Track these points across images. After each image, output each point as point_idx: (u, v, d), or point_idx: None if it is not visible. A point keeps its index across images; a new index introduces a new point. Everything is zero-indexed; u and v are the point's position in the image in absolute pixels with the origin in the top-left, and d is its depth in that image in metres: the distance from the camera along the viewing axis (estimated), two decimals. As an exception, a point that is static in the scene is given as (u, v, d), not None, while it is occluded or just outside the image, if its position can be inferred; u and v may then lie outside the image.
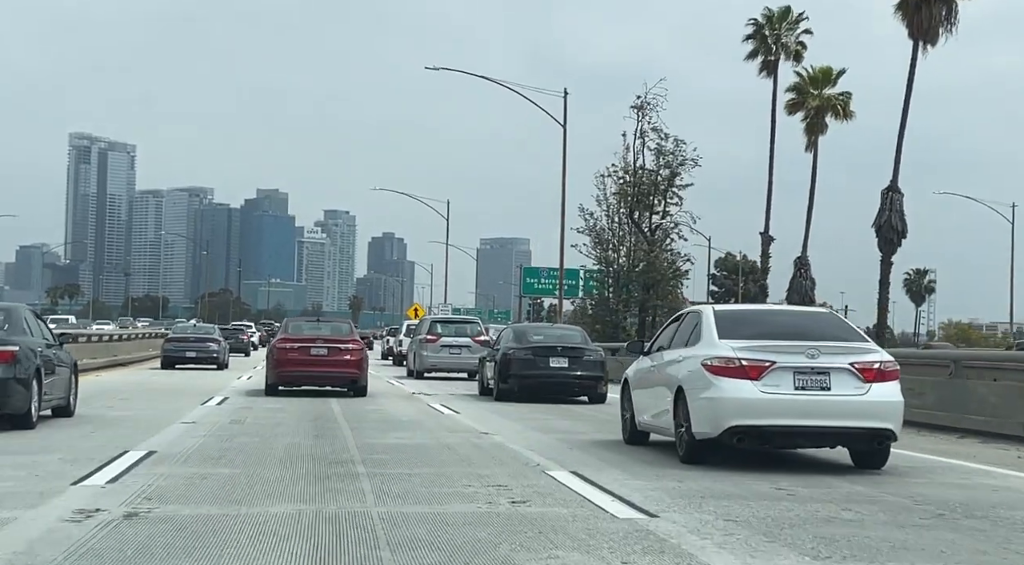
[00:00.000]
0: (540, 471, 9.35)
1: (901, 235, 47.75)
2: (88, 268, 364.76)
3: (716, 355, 9.68)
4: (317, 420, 14.74)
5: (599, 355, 20.12)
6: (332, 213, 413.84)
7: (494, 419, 15.56)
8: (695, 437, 9.78)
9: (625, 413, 12.14)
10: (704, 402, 9.65)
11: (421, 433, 13.03)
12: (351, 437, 12.35)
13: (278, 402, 18.37)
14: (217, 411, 15.96)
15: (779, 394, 9.44)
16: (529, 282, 60.55)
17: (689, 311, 11.45)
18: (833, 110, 54.83)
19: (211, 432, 12.50)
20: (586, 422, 15.46)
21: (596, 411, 17.68)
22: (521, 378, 19.35)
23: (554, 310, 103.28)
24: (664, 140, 43.01)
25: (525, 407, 18.05)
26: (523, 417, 16.07)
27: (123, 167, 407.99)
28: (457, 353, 27.99)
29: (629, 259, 44.54)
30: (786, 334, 9.89)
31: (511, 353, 19.57)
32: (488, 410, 17.45)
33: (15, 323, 12.73)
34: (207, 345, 32.29)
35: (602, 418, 16.02)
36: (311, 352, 20.19)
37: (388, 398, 20.45)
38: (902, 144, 47.16)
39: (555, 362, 19.39)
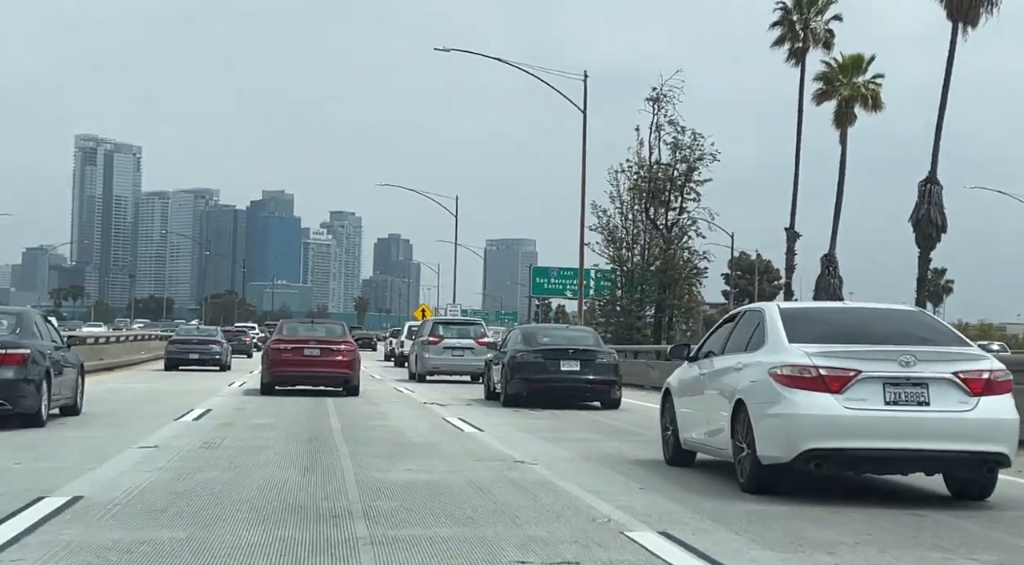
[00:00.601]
0: (616, 532, 6.66)
1: (940, 229, 44.95)
2: (94, 270, 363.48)
3: (787, 362, 8.25)
4: (311, 442, 12.03)
5: (612, 358, 18.88)
6: (338, 214, 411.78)
7: (524, 439, 12.91)
8: (761, 461, 8.31)
9: (667, 429, 10.61)
10: (773, 420, 8.21)
11: (440, 462, 10.31)
12: (350, 468, 9.65)
13: (267, 414, 15.81)
14: (191, 429, 13.27)
15: (867, 410, 8.00)
16: (539, 282, 58.02)
17: (746, 310, 9.89)
18: (863, 100, 51.92)
19: (171, 463, 9.78)
20: (616, 435, 13.71)
21: (615, 418, 16.62)
22: (530, 382, 18.19)
23: (562, 311, 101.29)
24: (681, 134, 41.42)
25: (543, 418, 16.07)
26: (556, 436, 13.42)
27: (129, 169, 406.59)
28: (460, 355, 27.13)
29: (644, 257, 42.95)
30: (869, 337, 8.48)
31: (519, 356, 18.44)
32: (512, 424, 14.92)
33: (26, 327, 13.19)
34: (210, 347, 32.36)
35: (622, 427, 15.10)
36: (304, 353, 20.59)
37: (395, 407, 18.04)
38: (941, 132, 44.40)
39: (566, 365, 18.30)
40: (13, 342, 12.63)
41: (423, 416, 16.32)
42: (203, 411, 15.98)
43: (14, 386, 12.34)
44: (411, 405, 18.80)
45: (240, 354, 45.27)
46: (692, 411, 9.96)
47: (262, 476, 8.98)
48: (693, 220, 41.88)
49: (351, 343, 21.34)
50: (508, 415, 16.60)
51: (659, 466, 10.28)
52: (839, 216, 50.98)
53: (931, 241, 44.99)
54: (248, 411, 16.46)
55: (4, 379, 12.32)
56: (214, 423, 14.14)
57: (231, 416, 15.42)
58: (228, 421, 14.43)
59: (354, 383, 20.73)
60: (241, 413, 16.01)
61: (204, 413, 15.66)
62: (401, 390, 23.53)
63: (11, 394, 12.35)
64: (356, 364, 20.95)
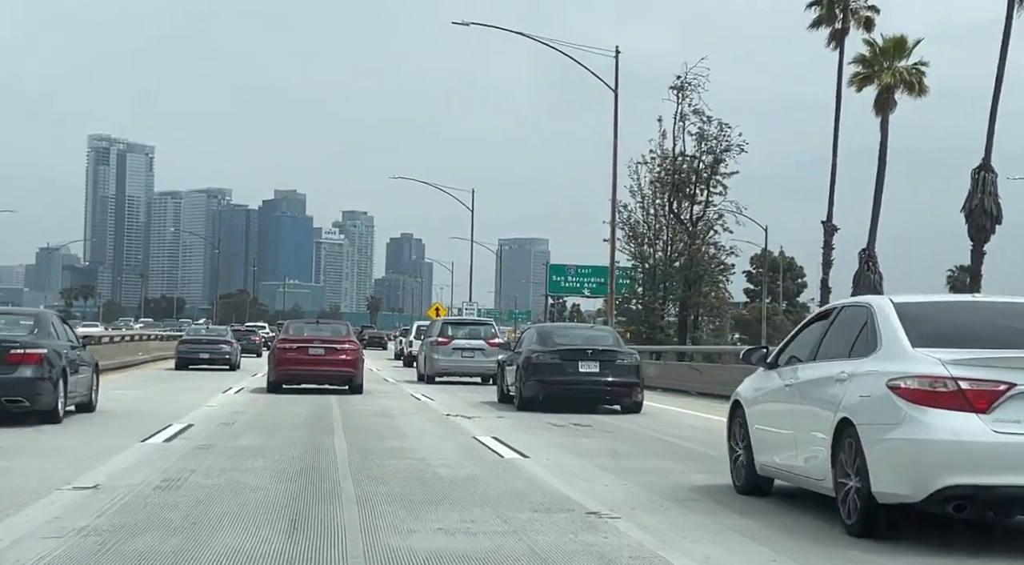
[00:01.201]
0: None
1: (995, 220, 41.72)
2: (107, 270, 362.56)
3: (914, 372, 6.57)
4: (306, 476, 9.15)
5: (634, 359, 17.86)
6: (350, 214, 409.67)
7: (580, 468, 10.05)
8: (876, 499, 6.62)
9: (736, 451, 8.91)
10: (896, 446, 6.52)
11: (483, 512, 7.41)
12: (356, 525, 6.81)
13: (258, 431, 13.04)
14: (155, 455, 10.37)
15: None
16: (555, 280, 55.29)
17: (844, 305, 8.14)
18: (908, 85, 48.70)
19: (102, 519, 6.87)
20: (682, 456, 11.44)
21: (640, 425, 15.21)
22: (546, 384, 17.17)
23: (577, 310, 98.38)
24: (707, 123, 39.24)
25: (592, 435, 13.32)
26: (619, 465, 10.53)
27: (142, 169, 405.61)
28: (470, 356, 26.29)
29: (667, 253, 40.75)
30: (1014, 340, 6.82)
31: (535, 356, 17.42)
32: (558, 445, 12.07)
33: (43, 327, 13.76)
34: (219, 347, 32.60)
35: (649, 435, 14.11)
36: (309, 352, 20.91)
37: (413, 421, 15.22)
38: (995, 115, 41.22)
39: (584, 366, 17.24)
40: (31, 342, 13.14)
41: (448, 433, 13.46)
42: (183, 427, 13.18)
43: (32, 384, 12.83)
44: (431, 417, 16.01)
45: (249, 353, 45.63)
46: (773, 430, 8.23)
47: (225, 543, 6.11)
48: (720, 214, 39.83)
49: (355, 343, 21.80)
50: (549, 432, 13.82)
51: (744, 501, 8.36)
52: (879, 208, 47.67)
53: (985, 233, 41.76)
54: (236, 427, 13.62)
55: (23, 377, 12.78)
56: (189, 445, 11.27)
57: (214, 434, 12.57)
58: (207, 443, 11.55)
59: (358, 381, 21.10)
60: (227, 430, 13.15)
61: (183, 430, 12.84)
62: (418, 397, 20.77)
63: (29, 392, 12.82)
64: (360, 363, 21.36)
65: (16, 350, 12.94)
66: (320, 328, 22.98)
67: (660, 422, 15.97)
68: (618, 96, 33.16)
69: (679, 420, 16.75)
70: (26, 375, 12.82)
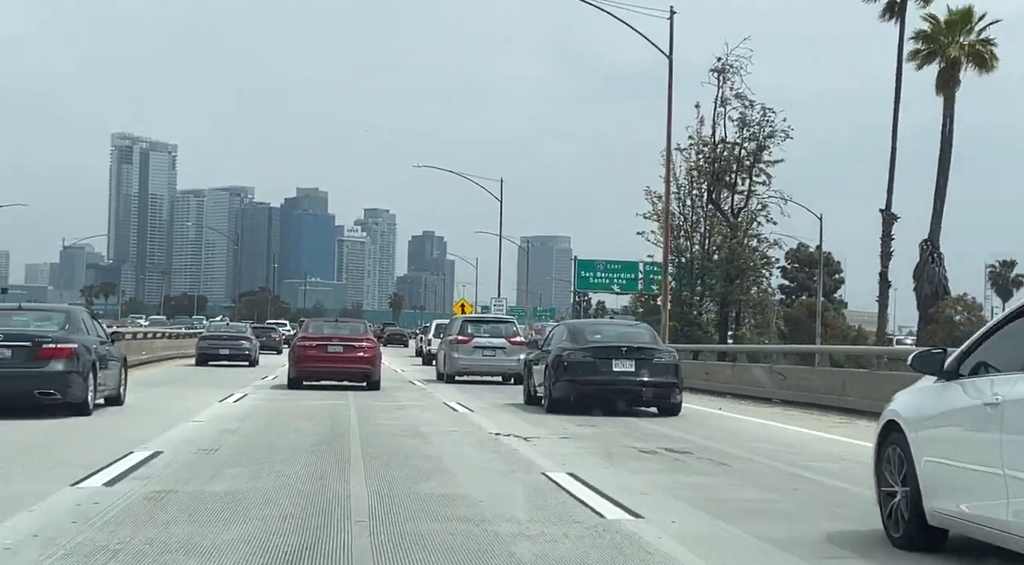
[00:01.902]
0: None
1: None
2: (130, 268, 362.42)
3: None
4: (302, 555, 5.58)
5: (672, 357, 16.75)
6: (372, 211, 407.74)
7: (709, 530, 6.56)
8: None
9: (891, 490, 6.39)
10: None
11: None
12: None
13: (245, 461, 9.57)
14: (74, 515, 6.78)
15: None
16: (584, 276, 52.25)
17: None
18: (976, 59, 44.63)
19: None
20: (815, 500, 8.07)
21: (751, 451, 11.87)
22: (578, 384, 16.07)
23: (602, 308, 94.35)
24: (749, 108, 37.01)
25: (705, 471, 9.82)
26: (745, 506, 6.96)
27: (164, 167, 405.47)
28: (491, 355, 25.61)
29: (704, 246, 38.26)
30: None
31: (566, 354, 16.31)
32: (667, 489, 8.50)
33: (74, 323, 14.35)
34: (239, 343, 33.46)
35: (770, 465, 10.68)
36: (328, 349, 21.40)
37: (454, 444, 11.65)
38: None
39: (619, 365, 16.11)
40: (63, 337, 13.61)
41: (505, 466, 9.83)
42: (147, 455, 9.78)
43: (63, 377, 13.32)
44: (475, 437, 12.54)
45: (269, 350, 45.97)
46: (960, 466, 5.87)
47: None
48: (763, 204, 37.48)
49: (373, 341, 22.31)
50: (639, 462, 10.33)
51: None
52: (943, 195, 43.52)
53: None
54: (220, 455, 10.11)
55: (54, 371, 13.28)
56: (138, 492, 7.71)
57: (185, 468, 9.06)
58: (165, 487, 7.97)
59: (375, 378, 21.48)
60: (206, 461, 9.63)
61: (144, 461, 9.40)
62: (452, 406, 17.46)
63: (60, 385, 13.32)
64: (377, 360, 21.81)
65: (48, 345, 13.42)
66: (339, 326, 23.52)
67: (774, 445, 12.43)
68: (672, 63, 29.78)
69: (790, 440, 13.29)
70: (57, 368, 13.31)
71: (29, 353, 13.34)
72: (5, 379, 13.19)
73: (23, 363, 13.29)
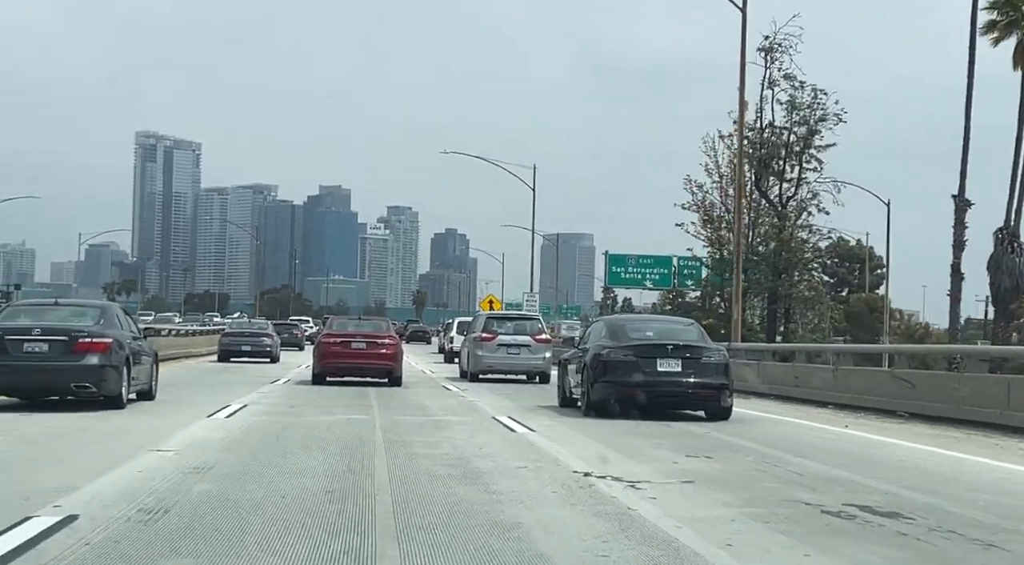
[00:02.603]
0: None
1: None
2: (155, 265, 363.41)
3: None
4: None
5: (722, 356, 15.47)
6: (395, 209, 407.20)
7: None
8: None
9: None
10: None
11: None
12: None
13: (211, 535, 6.13)
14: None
15: None
16: (615, 271, 50.64)
17: None
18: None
19: None
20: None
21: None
22: (619, 386, 14.82)
23: (629, 305, 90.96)
24: (799, 90, 34.75)
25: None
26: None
27: (188, 165, 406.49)
28: (516, 353, 25.01)
29: (749, 238, 35.77)
30: None
31: (605, 353, 15.05)
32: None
33: (109, 319, 14.87)
34: (261, 340, 34.06)
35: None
36: (352, 346, 22.05)
37: (532, 495, 7.94)
38: None
39: (664, 365, 14.86)
40: (98, 332, 14.20)
41: (642, 555, 5.84)
42: (51, 523, 6.20)
43: (99, 371, 13.94)
44: (561, 485, 8.39)
45: (291, 347, 45.50)
46: None
47: None
48: (814, 193, 35.21)
49: (395, 338, 22.89)
50: (791, 520, 6.93)
51: None
52: (1018, 177, 37.71)
53: None
54: (165, 525, 6.30)
55: (90, 365, 13.87)
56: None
57: (137, 523, 6.34)
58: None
59: (397, 374, 22.13)
60: (135, 537, 5.93)
61: (37, 539, 5.84)
62: (507, 424, 13.62)
63: (96, 378, 13.93)
64: (399, 357, 22.44)
65: (84, 339, 13.89)
66: (362, 324, 24.04)
67: (967, 487, 9.18)
68: (746, 15, 27.73)
69: (968, 475, 10.02)
70: (93, 362, 13.80)
71: (66, 347, 13.79)
72: (43, 372, 13.73)
73: (60, 357, 13.75)
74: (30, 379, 13.85)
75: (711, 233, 36.64)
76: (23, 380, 13.88)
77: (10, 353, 13.76)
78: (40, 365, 13.74)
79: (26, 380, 13.87)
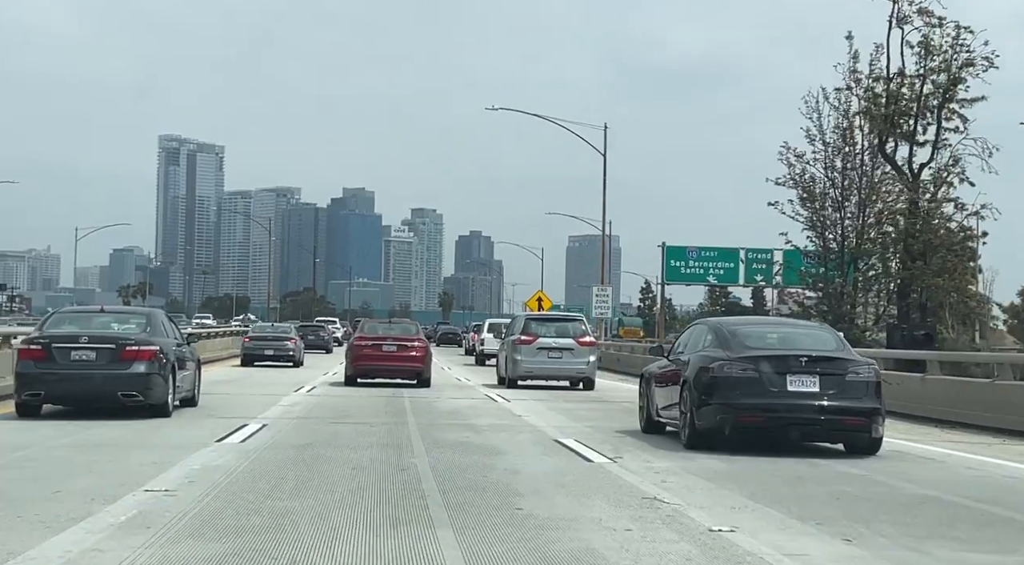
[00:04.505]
0: None
1: None
2: (178, 270, 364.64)
3: None
4: None
5: (872, 372, 11.86)
6: (419, 211, 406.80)
7: None
8: None
9: None
10: None
11: None
12: None
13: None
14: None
15: None
16: (673, 266, 45.22)
17: None
18: None
19: None
20: None
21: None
22: (736, 410, 11.49)
23: (669, 306, 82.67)
24: (937, 28, 27.38)
25: None
26: None
27: (211, 169, 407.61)
28: (557, 357, 23.46)
29: (860, 219, 29.43)
30: None
31: (716, 367, 11.75)
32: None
33: (155, 325, 14.59)
34: (284, 343, 33.53)
35: None
36: (383, 348, 22.71)
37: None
38: None
39: (796, 383, 11.50)
40: (145, 339, 13.99)
41: None
42: None
43: (146, 379, 13.68)
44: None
45: (318, 349, 44.14)
46: None
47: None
48: (955, 159, 27.55)
49: (423, 341, 23.59)
50: None
51: None
52: None
53: None
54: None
55: (137, 373, 13.63)
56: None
57: None
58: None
59: (426, 376, 22.61)
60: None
61: None
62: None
63: (143, 387, 13.68)
64: (428, 359, 22.98)
65: (131, 347, 13.72)
66: (392, 327, 24.74)
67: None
68: None
69: None
70: (140, 370, 13.60)
71: (113, 355, 13.64)
72: (92, 380, 13.58)
73: (107, 365, 13.61)
74: (78, 387, 13.69)
75: (812, 214, 29.76)
76: (71, 388, 13.72)
77: (58, 361, 13.61)
78: (88, 373, 13.58)
79: (74, 388, 13.71)
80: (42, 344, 13.72)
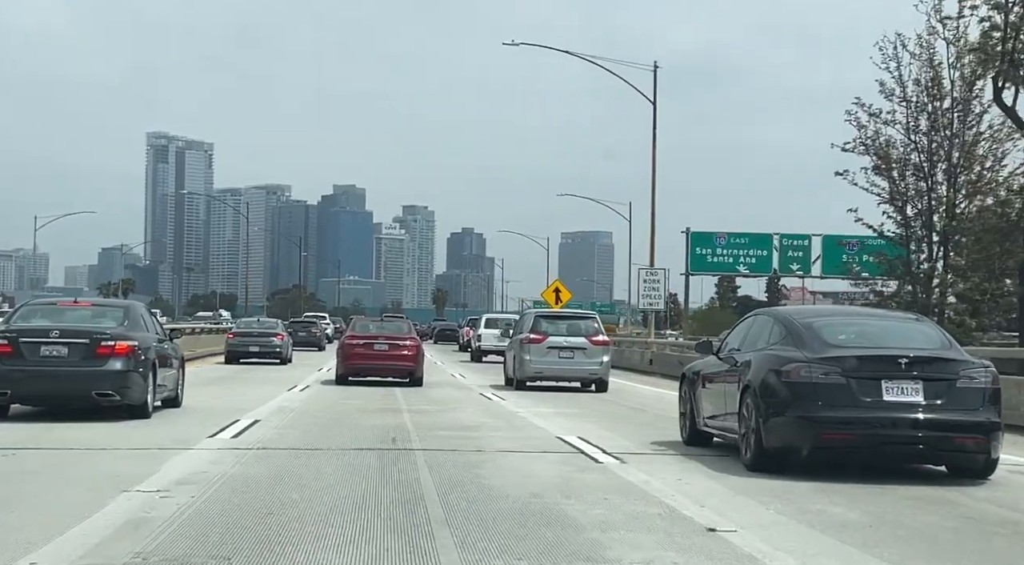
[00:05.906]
0: None
1: None
2: (167, 268, 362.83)
3: None
4: None
5: (989, 376, 9.41)
6: (410, 208, 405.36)
7: None
8: None
9: None
10: None
11: None
12: None
13: None
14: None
15: None
16: (699, 254, 40.64)
17: None
18: None
19: None
20: None
21: None
22: (818, 425, 9.09)
23: (673, 301, 78.40)
24: None
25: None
26: None
27: (201, 166, 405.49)
28: (569, 357, 22.19)
29: (953, 185, 24.56)
30: None
31: (792, 370, 9.33)
32: None
33: (134, 319, 13.61)
34: (270, 340, 32.36)
35: None
36: (374, 347, 22.37)
37: None
38: None
39: (894, 391, 9.10)
40: (122, 334, 12.92)
41: None
42: None
43: (123, 377, 12.63)
44: None
45: (309, 346, 42.69)
46: None
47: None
48: None
49: (416, 339, 23.18)
50: None
51: None
52: None
53: None
54: None
55: (113, 370, 12.58)
56: None
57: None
58: None
59: (418, 375, 22.22)
60: None
61: None
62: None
63: (120, 385, 12.61)
64: (420, 358, 22.67)
65: (107, 342, 12.72)
66: (384, 325, 24.55)
67: None
68: None
69: None
70: (116, 368, 12.63)
71: (87, 350, 12.60)
72: (62, 378, 12.53)
73: (80, 361, 12.56)
74: (47, 386, 12.59)
75: (892, 187, 25.02)
76: (40, 387, 12.63)
77: (26, 357, 12.51)
78: (58, 371, 12.51)
79: (44, 387, 12.62)
80: (9, 338, 12.62)
